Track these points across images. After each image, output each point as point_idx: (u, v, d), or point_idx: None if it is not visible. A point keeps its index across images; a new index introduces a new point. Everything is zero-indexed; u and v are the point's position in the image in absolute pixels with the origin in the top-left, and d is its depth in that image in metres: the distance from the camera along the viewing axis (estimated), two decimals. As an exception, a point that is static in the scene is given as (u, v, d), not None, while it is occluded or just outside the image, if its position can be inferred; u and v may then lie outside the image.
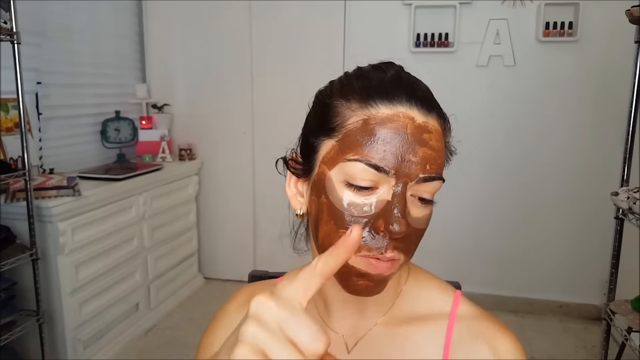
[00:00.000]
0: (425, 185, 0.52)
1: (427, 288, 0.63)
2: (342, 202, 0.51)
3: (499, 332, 0.59)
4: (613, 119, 2.54)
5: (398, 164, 0.50)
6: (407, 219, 0.51)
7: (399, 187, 0.50)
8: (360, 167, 0.50)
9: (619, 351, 1.84)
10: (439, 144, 0.53)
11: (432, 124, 0.53)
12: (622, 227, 1.77)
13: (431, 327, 0.60)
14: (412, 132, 0.51)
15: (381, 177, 0.50)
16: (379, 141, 0.50)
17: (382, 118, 0.51)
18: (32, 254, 1.86)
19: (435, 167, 0.52)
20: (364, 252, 0.51)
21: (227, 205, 3.16)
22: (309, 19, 2.85)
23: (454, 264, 2.78)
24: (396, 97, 0.52)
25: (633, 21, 1.60)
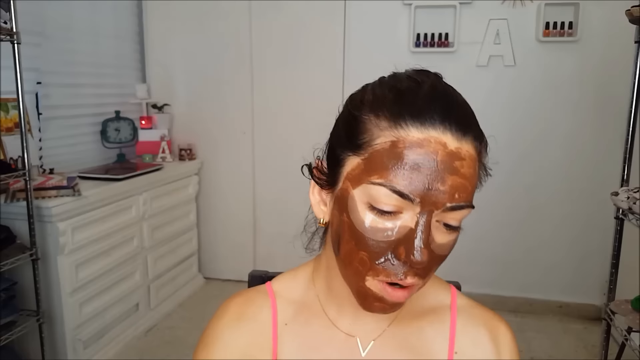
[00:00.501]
0: (453, 213, 0.50)
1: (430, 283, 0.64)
2: (363, 225, 0.50)
3: (495, 319, 0.64)
4: (613, 119, 2.54)
5: (424, 192, 0.48)
6: (430, 247, 0.50)
7: (424, 216, 0.48)
8: (384, 192, 0.48)
9: (619, 351, 1.84)
10: (471, 170, 0.50)
11: (466, 149, 0.50)
12: (622, 227, 1.77)
13: (437, 320, 0.63)
14: (443, 160, 0.48)
15: (406, 203, 0.48)
16: (406, 167, 0.48)
17: (412, 142, 0.48)
18: (32, 254, 1.86)
19: (464, 195, 0.50)
20: (382, 277, 0.50)
21: (227, 205, 3.16)
22: (309, 19, 2.85)
23: (454, 264, 2.77)
24: (429, 118, 0.49)
25: (633, 21, 1.60)
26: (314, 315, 0.63)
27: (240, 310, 0.65)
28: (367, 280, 0.51)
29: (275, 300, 0.65)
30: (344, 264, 0.54)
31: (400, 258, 0.49)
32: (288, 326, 0.63)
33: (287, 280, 0.67)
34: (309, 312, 0.63)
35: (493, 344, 0.61)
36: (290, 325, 0.63)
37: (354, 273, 0.53)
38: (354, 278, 0.53)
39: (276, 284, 0.68)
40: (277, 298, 0.65)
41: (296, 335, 0.63)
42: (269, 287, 0.67)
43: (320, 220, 0.59)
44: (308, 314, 0.63)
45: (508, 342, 0.62)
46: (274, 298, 0.65)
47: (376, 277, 0.51)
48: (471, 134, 0.51)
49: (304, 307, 0.64)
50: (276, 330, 0.63)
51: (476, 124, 0.53)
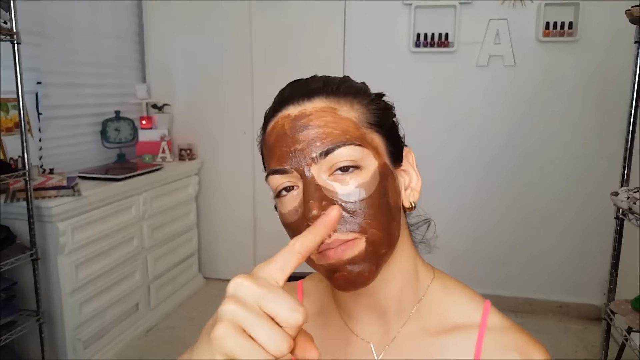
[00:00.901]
0: (331, 158, 0.51)
1: (455, 296, 0.61)
2: (282, 215, 0.55)
3: (531, 344, 0.57)
4: (613, 119, 2.54)
5: (291, 158, 0.52)
6: (333, 198, 0.51)
7: (307, 175, 0.51)
8: (270, 179, 0.55)
9: (619, 351, 1.84)
10: (325, 118, 0.53)
11: (312, 106, 0.54)
12: (622, 227, 1.77)
13: (461, 337, 0.58)
14: (290, 126, 0.53)
15: (289, 177, 0.53)
16: (271, 150, 0.55)
17: (269, 131, 0.56)
18: (32, 254, 1.86)
19: (329, 139, 0.51)
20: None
21: (227, 205, 3.16)
22: (309, 19, 2.85)
23: (453, 264, 2.78)
24: (276, 109, 0.56)
25: (633, 21, 1.60)
26: (332, 320, 0.63)
27: None
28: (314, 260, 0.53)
29: (302, 298, 0.67)
30: None
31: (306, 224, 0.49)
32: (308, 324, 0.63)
33: (317, 281, 0.68)
34: (328, 316, 0.64)
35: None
36: (310, 323, 0.64)
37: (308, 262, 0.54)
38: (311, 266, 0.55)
39: (307, 282, 0.69)
40: (305, 295, 0.67)
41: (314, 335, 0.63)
42: (299, 285, 0.69)
43: None
44: (328, 317, 0.64)
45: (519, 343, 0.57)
46: (301, 296, 0.67)
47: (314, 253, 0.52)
48: (318, 94, 0.55)
49: (324, 310, 0.64)
50: None
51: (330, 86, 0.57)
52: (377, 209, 0.51)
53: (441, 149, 2.79)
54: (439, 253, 2.49)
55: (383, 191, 0.52)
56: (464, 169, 2.77)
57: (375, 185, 0.52)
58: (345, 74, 0.60)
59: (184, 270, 2.97)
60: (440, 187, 2.81)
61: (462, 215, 2.80)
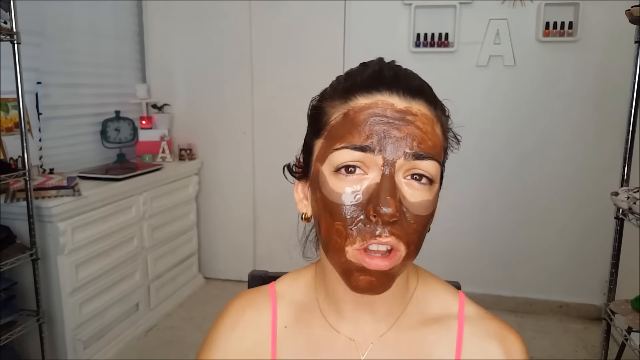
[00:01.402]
0: (417, 163, 0.50)
1: (434, 290, 0.63)
2: (334, 192, 0.51)
3: (507, 331, 0.61)
4: (613, 119, 2.54)
5: (382, 141, 0.50)
6: (401, 202, 0.50)
7: (388, 168, 0.49)
8: (345, 153, 0.51)
9: (619, 351, 1.84)
10: (427, 127, 0.52)
11: (418, 108, 0.52)
12: (622, 227, 1.77)
13: (442, 329, 0.60)
14: (394, 115, 0.51)
15: (368, 157, 0.50)
16: (359, 126, 0.51)
17: (361, 107, 0.52)
18: (32, 254, 1.86)
19: (424, 146, 0.51)
20: (358, 244, 0.50)
21: (227, 205, 3.16)
22: (309, 19, 2.85)
23: (454, 264, 2.78)
24: (374, 88, 0.52)
25: (633, 21, 1.60)
26: (314, 319, 0.62)
27: (239, 313, 0.66)
28: (347, 253, 0.51)
29: (276, 303, 0.65)
30: (326, 246, 0.54)
31: (370, 215, 0.49)
32: (288, 329, 0.63)
33: (290, 282, 0.67)
34: (309, 316, 0.63)
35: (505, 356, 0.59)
36: (290, 328, 0.63)
37: (334, 250, 0.52)
38: (336, 256, 0.52)
39: (279, 285, 0.67)
40: (279, 300, 0.65)
41: (296, 339, 0.62)
42: (271, 289, 0.67)
43: (302, 215, 0.60)
44: (309, 317, 0.63)
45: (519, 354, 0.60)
46: (275, 300, 0.65)
47: (353, 245, 0.50)
48: (422, 97, 0.53)
49: (304, 310, 0.63)
50: (275, 333, 0.63)
51: (429, 92, 0.55)
52: (423, 229, 0.53)
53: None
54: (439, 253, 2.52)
55: (433, 215, 0.54)
56: (464, 168, 2.77)
57: (434, 207, 0.54)
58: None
59: (184, 270, 2.97)
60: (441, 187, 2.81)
61: (462, 215, 2.80)
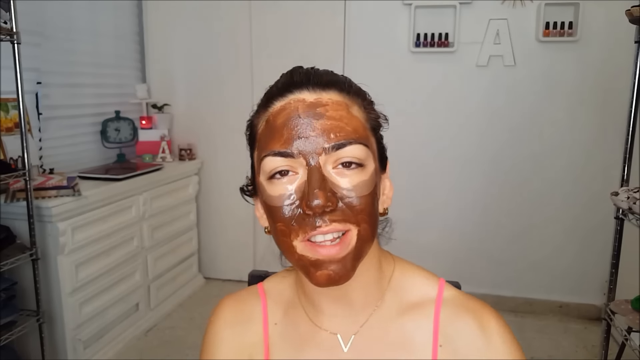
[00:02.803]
0: (340, 152, 0.52)
1: (411, 277, 0.64)
2: (271, 197, 0.54)
3: (484, 307, 0.61)
4: (613, 119, 2.54)
5: (299, 142, 0.51)
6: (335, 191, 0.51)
7: (312, 164, 0.51)
8: (269, 160, 0.53)
9: (619, 351, 1.84)
10: (340, 112, 0.53)
11: (328, 97, 0.54)
12: (622, 227, 1.77)
13: (420, 314, 0.61)
14: (304, 111, 0.53)
15: (292, 161, 0.52)
16: (277, 131, 0.53)
17: (277, 111, 0.55)
18: (32, 254, 1.86)
19: (342, 134, 0.52)
20: (302, 235, 0.52)
21: (227, 205, 3.16)
22: (309, 18, 2.85)
23: (454, 264, 2.78)
24: (286, 90, 0.55)
25: (633, 21, 1.60)
26: (299, 316, 0.64)
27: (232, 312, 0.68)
28: (296, 248, 0.53)
29: (265, 300, 0.67)
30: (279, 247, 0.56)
31: (305, 211, 0.50)
32: (277, 326, 0.65)
33: (277, 281, 0.69)
34: (295, 313, 0.64)
35: (480, 331, 0.58)
36: (279, 325, 0.65)
37: (285, 250, 0.54)
38: (289, 255, 0.54)
39: (267, 283, 0.70)
40: (269, 297, 0.67)
41: (284, 336, 0.64)
42: (260, 287, 0.69)
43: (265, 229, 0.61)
44: (294, 314, 0.64)
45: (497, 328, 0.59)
46: (264, 298, 0.68)
47: (298, 238, 0.52)
48: (332, 87, 0.55)
49: (291, 308, 0.65)
50: (267, 330, 0.65)
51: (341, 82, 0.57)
52: (371, 207, 0.54)
53: (441, 149, 2.79)
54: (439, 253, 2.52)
55: (375, 192, 0.55)
56: (464, 169, 2.77)
57: (373, 185, 0.55)
58: (346, 74, 0.60)
59: (184, 270, 2.97)
60: (441, 187, 2.81)
61: (462, 215, 2.79)
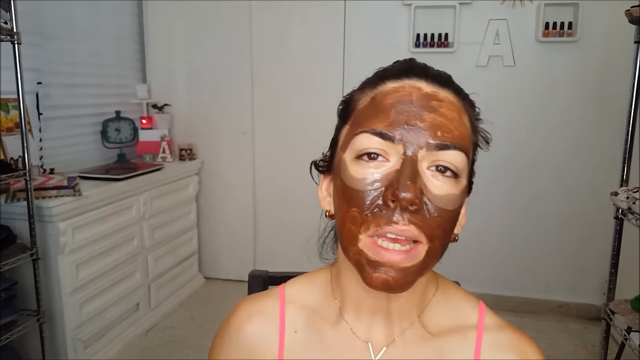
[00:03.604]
0: (441, 154, 0.48)
1: (453, 299, 0.61)
2: (352, 178, 0.49)
3: (527, 344, 0.59)
4: (613, 118, 2.54)
5: (404, 130, 0.48)
6: (423, 192, 0.47)
7: (409, 156, 0.48)
8: (365, 137, 0.49)
9: (618, 351, 1.84)
10: (453, 113, 0.50)
11: (445, 94, 0.51)
12: (621, 227, 1.77)
13: (460, 338, 0.58)
14: (418, 99, 0.49)
15: (388, 145, 0.48)
16: (383, 111, 0.50)
17: (388, 91, 0.51)
18: (33, 254, 1.86)
19: (449, 135, 0.48)
20: (372, 229, 0.47)
21: (227, 205, 3.16)
22: (309, 19, 2.85)
23: (454, 264, 2.77)
24: (403, 74, 0.52)
25: (633, 21, 1.61)
26: (328, 322, 0.60)
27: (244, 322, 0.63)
28: (360, 241, 0.48)
29: (284, 308, 0.63)
30: (340, 237, 0.53)
31: (388, 200, 0.46)
32: (298, 334, 0.61)
33: (302, 285, 0.65)
34: (323, 321, 0.61)
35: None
36: (300, 332, 0.61)
37: (347, 239, 0.50)
38: (349, 246, 0.50)
39: (290, 287, 0.65)
40: (288, 304, 0.63)
41: (307, 343, 0.60)
42: (281, 291, 0.64)
43: (326, 213, 0.58)
44: (322, 322, 0.61)
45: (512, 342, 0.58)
46: (283, 304, 0.63)
47: (367, 232, 0.48)
48: (450, 87, 0.52)
49: (317, 315, 0.61)
50: (283, 340, 0.61)
51: (457, 86, 0.54)
52: (448, 225, 0.50)
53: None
54: (438, 253, 2.43)
55: (458, 211, 0.51)
56: (464, 169, 2.77)
57: (461, 202, 0.51)
58: (346, 74, 0.60)
59: (184, 270, 2.97)
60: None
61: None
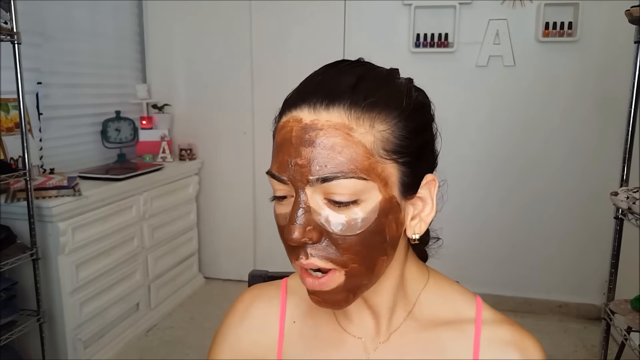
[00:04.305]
0: (327, 186, 0.46)
1: (449, 293, 0.62)
2: (275, 216, 0.54)
3: (526, 338, 0.59)
4: (613, 119, 2.54)
5: (290, 169, 0.48)
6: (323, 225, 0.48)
7: (299, 193, 0.48)
8: (270, 179, 0.52)
9: (618, 351, 1.84)
10: (335, 139, 0.46)
11: (326, 119, 0.47)
12: (621, 227, 1.77)
13: (458, 331, 0.58)
14: (297, 135, 0.48)
15: (285, 186, 0.50)
16: (275, 151, 0.51)
17: (279, 127, 0.52)
18: (33, 254, 1.86)
19: (330, 166, 0.46)
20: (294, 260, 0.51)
21: (227, 205, 3.16)
22: (309, 18, 2.85)
23: (454, 264, 2.78)
24: (293, 104, 0.50)
25: (633, 21, 1.61)
26: (324, 317, 0.62)
27: (248, 306, 0.66)
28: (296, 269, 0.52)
29: (286, 297, 0.65)
30: None
31: (285, 240, 0.50)
32: (296, 324, 0.63)
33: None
34: (319, 314, 0.63)
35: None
36: (299, 323, 0.63)
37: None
38: None
39: (292, 280, 0.67)
40: (290, 294, 0.65)
41: (303, 335, 0.62)
42: (283, 283, 0.67)
43: None
44: (318, 314, 0.63)
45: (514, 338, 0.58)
46: (285, 294, 0.65)
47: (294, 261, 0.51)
48: (339, 103, 0.47)
49: (314, 308, 0.63)
50: (283, 328, 0.63)
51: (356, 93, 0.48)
52: (365, 247, 0.48)
53: (440, 149, 2.79)
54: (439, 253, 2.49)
55: (378, 229, 0.48)
56: (463, 169, 2.77)
57: (371, 222, 0.48)
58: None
59: (184, 270, 2.97)
60: (439, 187, 2.81)
61: (462, 215, 2.80)
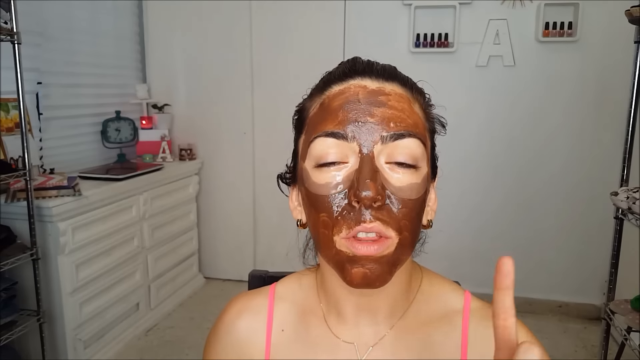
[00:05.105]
0: (398, 146, 0.49)
1: (438, 289, 0.61)
2: (315, 185, 0.50)
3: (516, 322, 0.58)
4: (613, 119, 2.54)
5: (355, 127, 0.48)
6: (385, 187, 0.48)
7: (366, 153, 0.48)
8: (320, 141, 0.50)
9: (618, 351, 1.84)
10: (403, 104, 0.51)
11: (391, 88, 0.52)
12: (621, 227, 1.77)
13: (446, 326, 0.58)
14: (365, 97, 0.50)
15: (344, 145, 0.49)
16: (332, 113, 0.50)
17: (334, 94, 0.52)
18: (33, 254, 1.86)
19: (402, 124, 0.49)
20: (344, 232, 0.48)
21: (227, 205, 3.16)
22: (309, 18, 2.85)
23: (454, 264, 2.79)
24: (347, 76, 0.53)
25: (633, 21, 1.61)
26: (314, 322, 0.61)
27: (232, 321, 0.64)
28: (336, 243, 0.49)
29: (273, 305, 0.64)
30: (317, 243, 0.53)
31: (352, 201, 0.47)
32: (286, 332, 0.62)
33: (292, 283, 0.66)
34: (310, 320, 0.61)
35: None
36: (288, 331, 0.62)
37: (324, 243, 0.51)
38: (327, 250, 0.51)
39: (281, 286, 0.66)
40: (278, 302, 0.64)
41: (293, 342, 0.61)
42: (271, 290, 0.65)
43: (297, 222, 0.58)
44: (309, 321, 0.61)
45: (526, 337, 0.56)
46: (272, 302, 0.64)
47: (340, 234, 0.49)
48: (395, 79, 0.53)
49: (305, 314, 0.62)
50: (270, 337, 0.62)
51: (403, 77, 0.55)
52: (416, 214, 0.51)
53: (440, 149, 2.78)
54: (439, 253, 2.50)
55: (424, 198, 0.52)
56: (464, 168, 2.78)
57: (423, 191, 0.51)
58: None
59: (184, 270, 2.97)
60: (439, 187, 2.81)
61: (462, 215, 2.80)
